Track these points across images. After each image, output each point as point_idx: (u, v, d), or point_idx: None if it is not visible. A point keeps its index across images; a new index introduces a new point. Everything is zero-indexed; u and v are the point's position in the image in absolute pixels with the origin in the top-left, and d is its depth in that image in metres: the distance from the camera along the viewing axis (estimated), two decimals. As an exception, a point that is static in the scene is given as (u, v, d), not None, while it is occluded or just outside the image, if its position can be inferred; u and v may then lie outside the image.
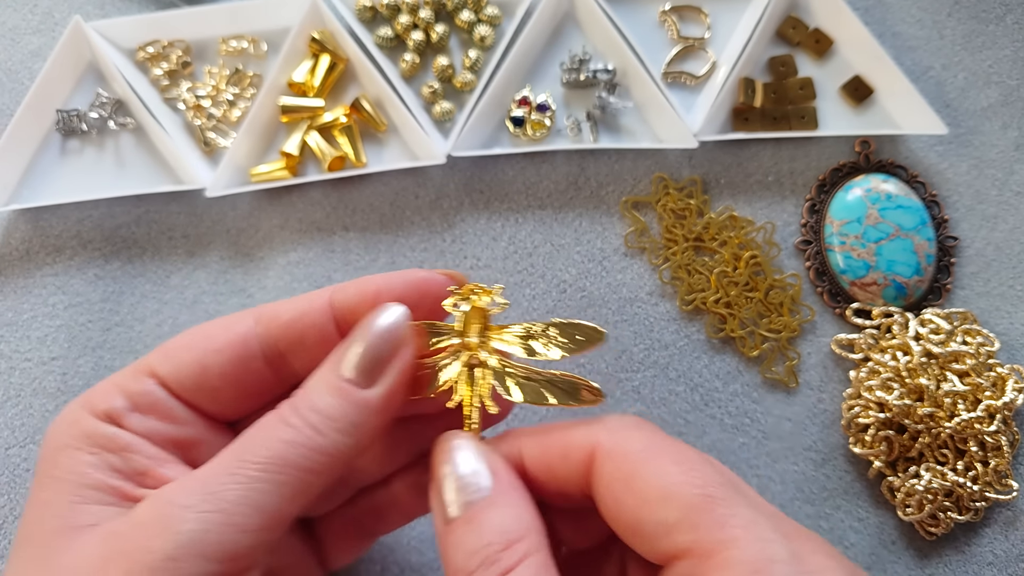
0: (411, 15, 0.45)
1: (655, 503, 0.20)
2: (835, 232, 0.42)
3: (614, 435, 0.22)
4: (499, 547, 0.20)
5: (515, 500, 0.22)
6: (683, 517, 0.20)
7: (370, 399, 0.22)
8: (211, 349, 0.24)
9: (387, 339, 0.23)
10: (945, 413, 0.38)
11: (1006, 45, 0.46)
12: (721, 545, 0.19)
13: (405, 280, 0.25)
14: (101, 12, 0.47)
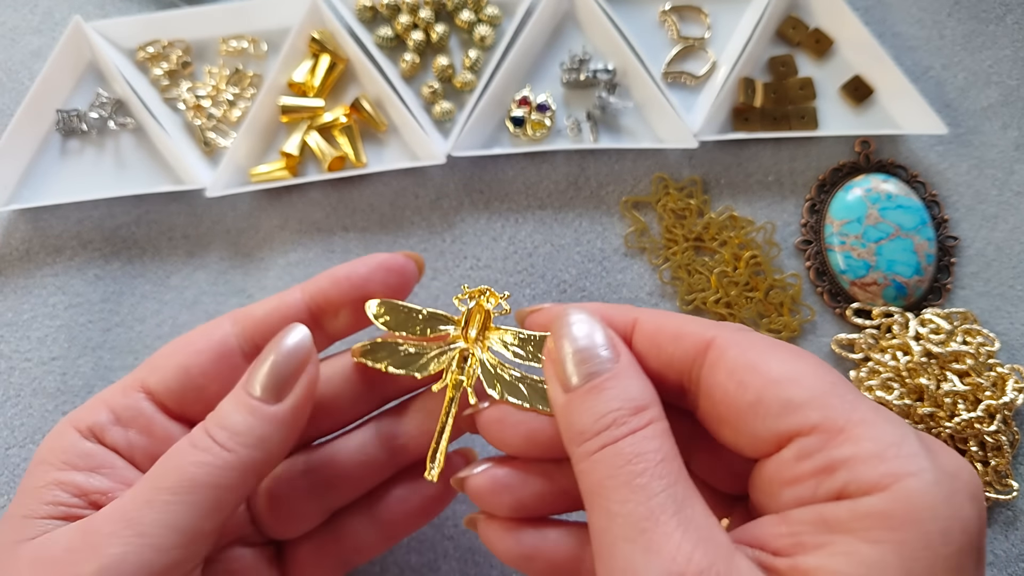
0: (411, 15, 0.45)
1: (784, 383, 0.21)
2: (835, 232, 0.42)
3: (735, 333, 0.23)
4: (628, 412, 0.21)
5: (637, 373, 0.23)
6: (812, 397, 0.20)
7: (277, 413, 0.24)
8: (191, 352, 0.26)
9: (292, 357, 0.25)
10: (945, 413, 0.38)
11: (1006, 45, 0.46)
12: (851, 424, 0.20)
13: (368, 264, 0.27)
14: (101, 12, 0.47)
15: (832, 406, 0.20)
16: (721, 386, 0.22)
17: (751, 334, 0.23)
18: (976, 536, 0.19)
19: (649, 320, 0.24)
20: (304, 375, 0.25)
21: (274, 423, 0.24)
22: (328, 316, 0.28)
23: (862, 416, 0.20)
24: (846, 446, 0.19)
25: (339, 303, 0.27)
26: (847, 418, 0.20)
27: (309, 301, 0.27)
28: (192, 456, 0.23)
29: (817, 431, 0.20)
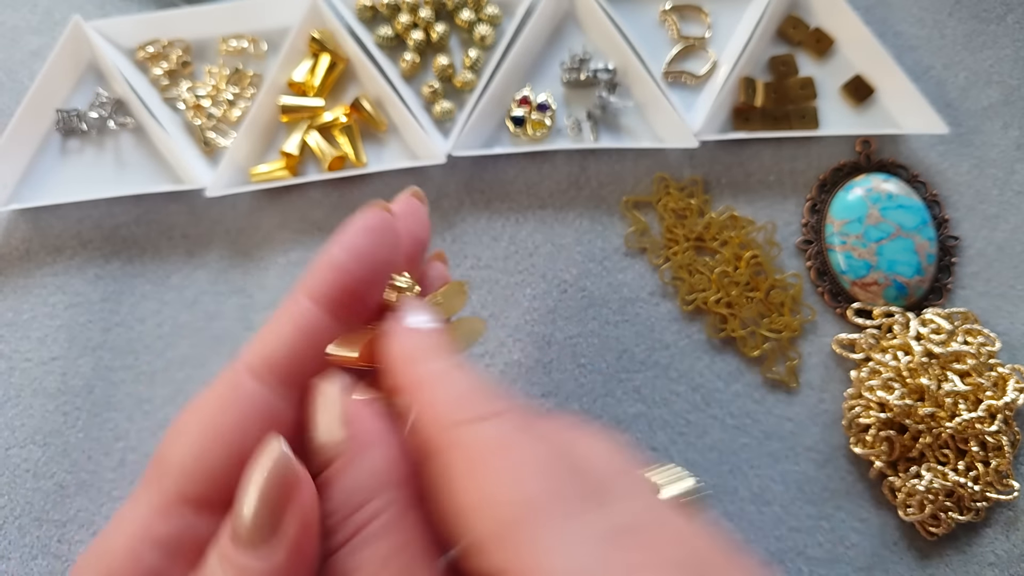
0: (411, 14, 0.45)
1: (466, 516, 0.17)
2: (836, 232, 0.42)
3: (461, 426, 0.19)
4: (342, 516, 0.18)
5: (367, 457, 0.19)
6: (493, 535, 0.16)
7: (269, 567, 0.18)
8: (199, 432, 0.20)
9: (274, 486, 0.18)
10: (946, 413, 0.38)
11: (1007, 45, 0.46)
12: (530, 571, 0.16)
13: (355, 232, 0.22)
14: (101, 12, 0.47)
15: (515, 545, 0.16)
16: None
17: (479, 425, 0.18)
18: None
19: None
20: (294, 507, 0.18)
21: None
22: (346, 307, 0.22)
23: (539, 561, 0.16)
24: None
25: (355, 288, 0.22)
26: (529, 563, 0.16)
27: (324, 302, 0.21)
28: None
29: None
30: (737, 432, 0.40)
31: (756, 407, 0.41)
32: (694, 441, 0.40)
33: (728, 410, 0.40)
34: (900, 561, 0.39)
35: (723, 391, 0.41)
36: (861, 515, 0.39)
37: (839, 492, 0.39)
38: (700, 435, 0.40)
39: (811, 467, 0.40)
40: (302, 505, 0.19)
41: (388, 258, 0.22)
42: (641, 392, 0.41)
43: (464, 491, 0.17)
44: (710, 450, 0.40)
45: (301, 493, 0.19)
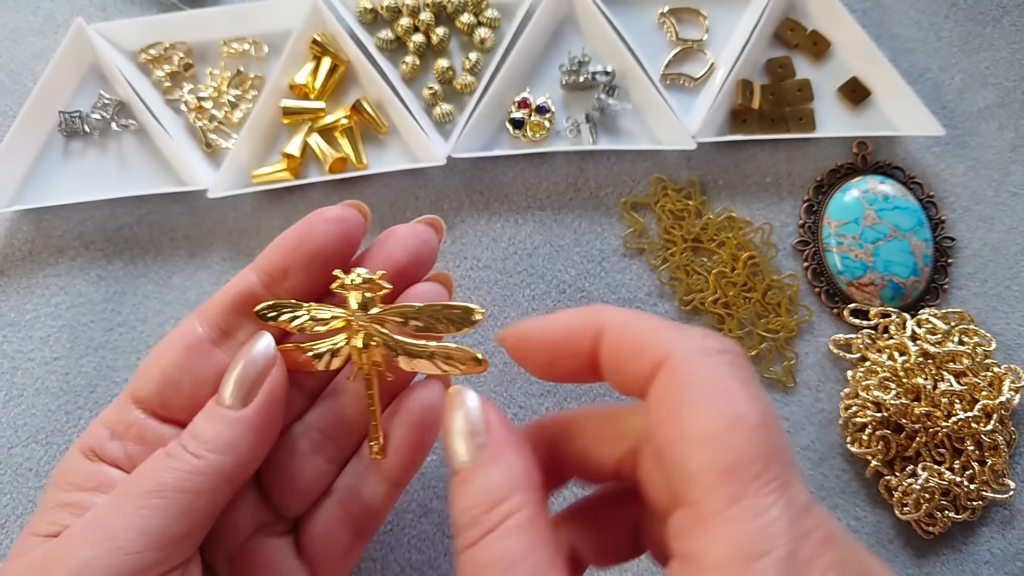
0: (411, 18, 0.45)
1: (689, 444, 0.19)
2: (832, 233, 0.42)
3: (687, 356, 0.20)
4: (483, 509, 0.21)
5: (505, 459, 0.22)
6: (703, 471, 0.18)
7: (242, 417, 0.25)
8: (164, 352, 0.27)
9: (255, 364, 0.26)
10: (942, 412, 0.38)
11: (1003, 47, 0.47)
12: (721, 516, 0.18)
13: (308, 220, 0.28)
14: (103, 14, 0.48)
15: (714, 489, 0.18)
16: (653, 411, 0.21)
17: (703, 363, 0.20)
18: None
19: (615, 328, 0.22)
20: (268, 380, 0.26)
21: (240, 426, 0.25)
22: (278, 282, 0.28)
23: (736, 513, 0.17)
24: (701, 541, 0.18)
25: (286, 267, 0.28)
26: (718, 510, 0.18)
27: (261, 275, 0.28)
28: (163, 463, 0.24)
29: (692, 510, 0.18)
30: (734, 431, 0.40)
31: (753, 407, 0.41)
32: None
33: (726, 410, 0.41)
34: (896, 560, 0.39)
35: (721, 391, 0.41)
36: (857, 514, 0.39)
37: (835, 491, 0.40)
38: (698, 434, 0.40)
39: (807, 466, 0.40)
40: (275, 380, 0.26)
41: (334, 249, 0.27)
42: (639, 392, 0.41)
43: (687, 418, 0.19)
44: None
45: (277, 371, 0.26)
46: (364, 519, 0.29)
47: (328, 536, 0.29)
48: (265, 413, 0.25)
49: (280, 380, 0.26)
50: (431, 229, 0.30)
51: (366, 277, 0.27)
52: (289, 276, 0.28)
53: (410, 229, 0.29)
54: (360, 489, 0.29)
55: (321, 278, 0.28)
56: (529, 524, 0.20)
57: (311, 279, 0.28)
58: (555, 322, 0.24)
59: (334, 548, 0.29)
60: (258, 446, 0.25)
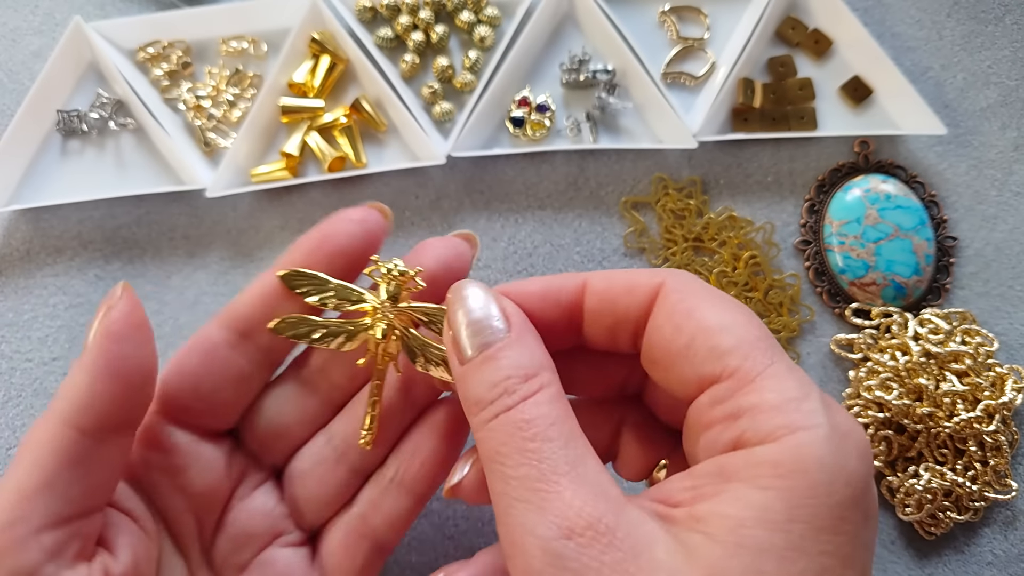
0: (411, 16, 0.45)
1: (714, 331, 0.22)
2: (834, 232, 0.42)
3: (679, 278, 0.24)
4: (518, 379, 0.22)
5: (529, 341, 0.23)
6: (736, 346, 0.22)
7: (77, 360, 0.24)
8: (183, 356, 0.27)
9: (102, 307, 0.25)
10: (944, 413, 0.38)
11: (1005, 46, 0.46)
12: (763, 376, 0.21)
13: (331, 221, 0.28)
14: (101, 13, 0.47)
15: (750, 356, 0.21)
16: (659, 328, 0.24)
17: (695, 282, 0.24)
18: (861, 491, 0.20)
19: (599, 280, 0.25)
20: (100, 318, 0.24)
21: (74, 369, 0.24)
22: None
23: (774, 370, 0.21)
24: (752, 395, 0.21)
25: (308, 266, 0.28)
26: (760, 370, 0.21)
27: None
28: None
29: (732, 378, 0.21)
30: (736, 432, 0.40)
31: (755, 407, 0.41)
32: (693, 441, 0.40)
33: (727, 410, 0.41)
34: (898, 560, 0.39)
35: (722, 391, 0.41)
36: (859, 515, 0.39)
37: (837, 492, 0.40)
38: (699, 435, 0.40)
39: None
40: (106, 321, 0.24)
41: (354, 249, 0.28)
42: (640, 392, 0.41)
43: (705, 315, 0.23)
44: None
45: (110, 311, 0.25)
46: (384, 534, 0.29)
47: (346, 550, 0.29)
48: (100, 350, 0.24)
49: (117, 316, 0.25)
50: (466, 243, 0.30)
51: (402, 269, 0.27)
52: None
53: (444, 241, 0.29)
54: (382, 502, 0.29)
55: (342, 278, 0.28)
56: (561, 395, 0.22)
57: None
58: (536, 280, 0.26)
59: (352, 563, 0.29)
60: (95, 386, 0.24)
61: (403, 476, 0.29)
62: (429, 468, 0.29)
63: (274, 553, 0.28)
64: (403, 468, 0.29)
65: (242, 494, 0.29)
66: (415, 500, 0.29)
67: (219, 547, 0.28)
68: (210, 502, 0.28)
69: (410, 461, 0.29)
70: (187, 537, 0.27)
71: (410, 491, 0.29)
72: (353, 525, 0.29)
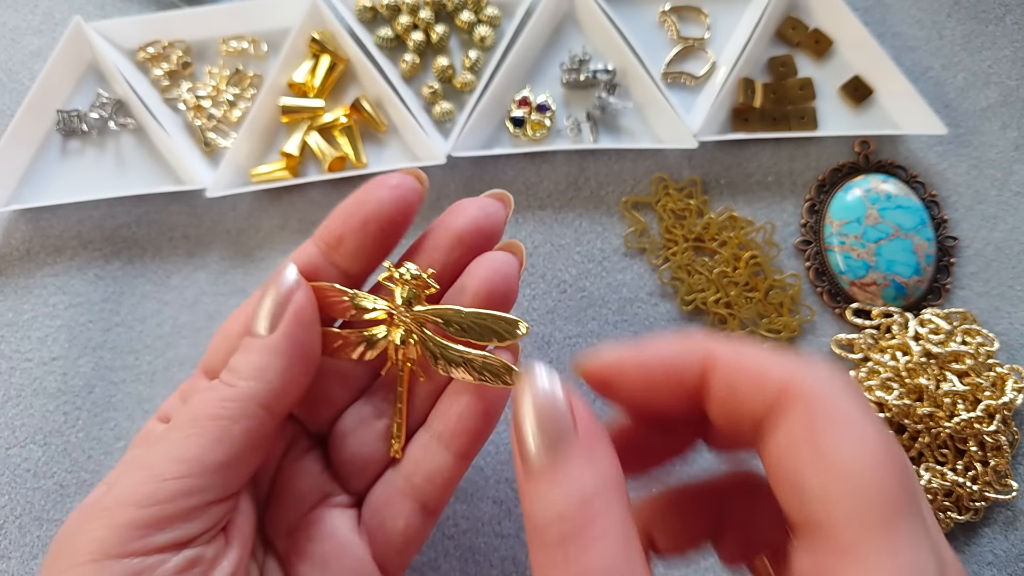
0: (411, 16, 0.45)
1: (828, 470, 0.19)
2: (835, 232, 0.42)
3: (817, 381, 0.20)
4: (579, 512, 0.20)
5: (598, 455, 0.21)
6: (844, 500, 0.18)
7: (268, 343, 0.25)
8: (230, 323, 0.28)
9: (281, 291, 0.26)
10: (944, 413, 0.38)
11: (1005, 45, 0.46)
12: (875, 547, 0.17)
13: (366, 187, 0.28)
14: (101, 13, 0.47)
15: (869, 518, 0.18)
16: (776, 445, 0.20)
17: (836, 386, 0.20)
18: None
19: (728, 359, 0.22)
20: (291, 304, 0.26)
21: (267, 351, 0.25)
22: (334, 249, 0.28)
23: (893, 545, 0.17)
24: (852, 569, 0.17)
25: (341, 233, 0.27)
26: (859, 540, 0.18)
27: (320, 244, 0.28)
28: (199, 397, 0.25)
29: (828, 538, 0.18)
30: (736, 432, 0.40)
31: (755, 407, 0.41)
32: (693, 441, 0.40)
33: (727, 410, 0.41)
34: (899, 561, 0.39)
35: (722, 391, 0.41)
36: (860, 515, 0.39)
37: (838, 492, 0.40)
38: (699, 435, 0.40)
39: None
40: (298, 304, 0.26)
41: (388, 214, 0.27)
42: (640, 392, 0.41)
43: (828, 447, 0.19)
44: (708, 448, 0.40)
45: (300, 294, 0.26)
46: (428, 493, 0.28)
47: (390, 509, 0.28)
48: (292, 336, 0.25)
49: (304, 303, 0.26)
50: (498, 203, 0.29)
51: (414, 273, 0.27)
52: (344, 242, 0.28)
53: (476, 202, 0.29)
54: (425, 461, 0.28)
55: (376, 245, 0.28)
56: (623, 524, 0.20)
57: (365, 245, 0.28)
58: (654, 352, 0.23)
59: (395, 524, 0.28)
60: (290, 370, 0.25)
61: (442, 433, 0.28)
62: (468, 423, 0.27)
63: (321, 513, 0.28)
64: (442, 425, 0.28)
65: (293, 457, 0.29)
66: (457, 457, 0.28)
67: (270, 511, 0.28)
68: (264, 466, 0.28)
69: (447, 417, 0.28)
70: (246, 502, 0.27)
71: (449, 447, 0.27)
72: (397, 485, 0.28)
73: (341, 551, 0.27)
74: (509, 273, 0.28)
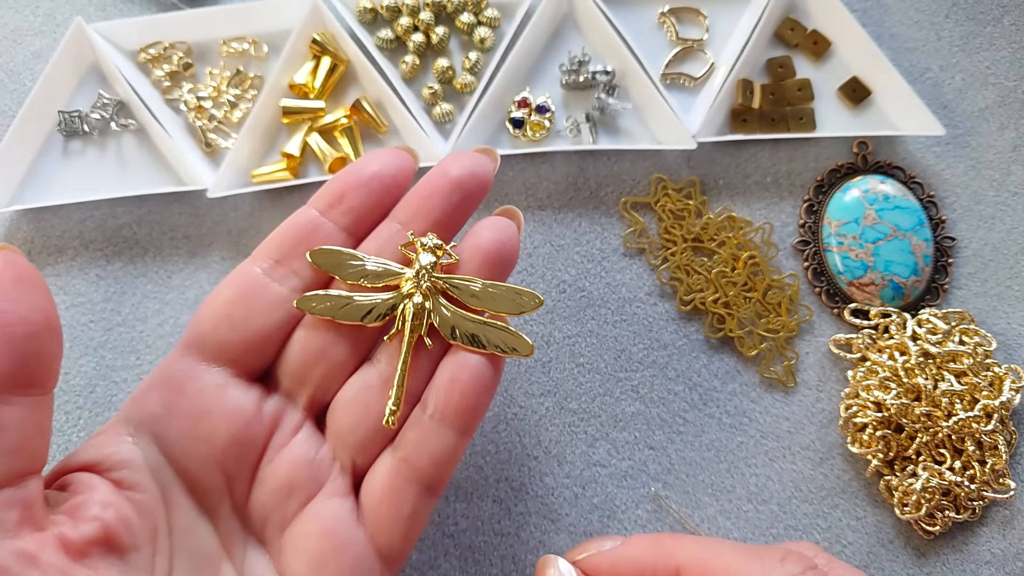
0: (411, 17, 0.45)
1: None
2: (833, 233, 0.42)
3: None
4: None
5: None
6: None
7: None
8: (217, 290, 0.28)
9: None
10: (942, 412, 0.38)
11: (1003, 47, 0.46)
12: None
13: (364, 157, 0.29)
14: (103, 14, 0.47)
15: None
16: None
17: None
18: None
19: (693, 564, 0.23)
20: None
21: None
22: (335, 207, 0.28)
23: None
24: None
25: (343, 192, 0.28)
26: None
27: (318, 204, 0.28)
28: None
29: None
30: (734, 431, 0.40)
31: (753, 406, 0.41)
32: (691, 440, 0.40)
33: (725, 409, 0.41)
34: (896, 560, 0.39)
35: (720, 390, 0.41)
36: (857, 513, 0.39)
37: (836, 491, 0.40)
38: (697, 434, 0.40)
39: (808, 466, 0.40)
40: None
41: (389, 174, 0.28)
42: (639, 391, 0.41)
43: None
44: (707, 448, 0.40)
45: None
46: (431, 475, 0.27)
47: (393, 495, 0.27)
48: None
49: None
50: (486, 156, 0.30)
51: (436, 243, 0.27)
52: (345, 199, 0.28)
53: (467, 153, 0.29)
54: (425, 441, 0.27)
55: (376, 204, 0.28)
56: None
57: (367, 202, 0.28)
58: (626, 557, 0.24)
59: (399, 510, 0.27)
60: None
61: (444, 411, 0.27)
62: (470, 398, 0.27)
63: (320, 506, 0.26)
64: (443, 402, 0.27)
65: (279, 442, 0.27)
66: (459, 433, 0.27)
67: (258, 502, 0.27)
68: (241, 451, 0.26)
69: (449, 394, 0.27)
70: (214, 496, 0.26)
71: (452, 424, 0.27)
72: (398, 469, 0.27)
73: (341, 548, 0.26)
74: (512, 235, 0.29)
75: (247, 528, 0.27)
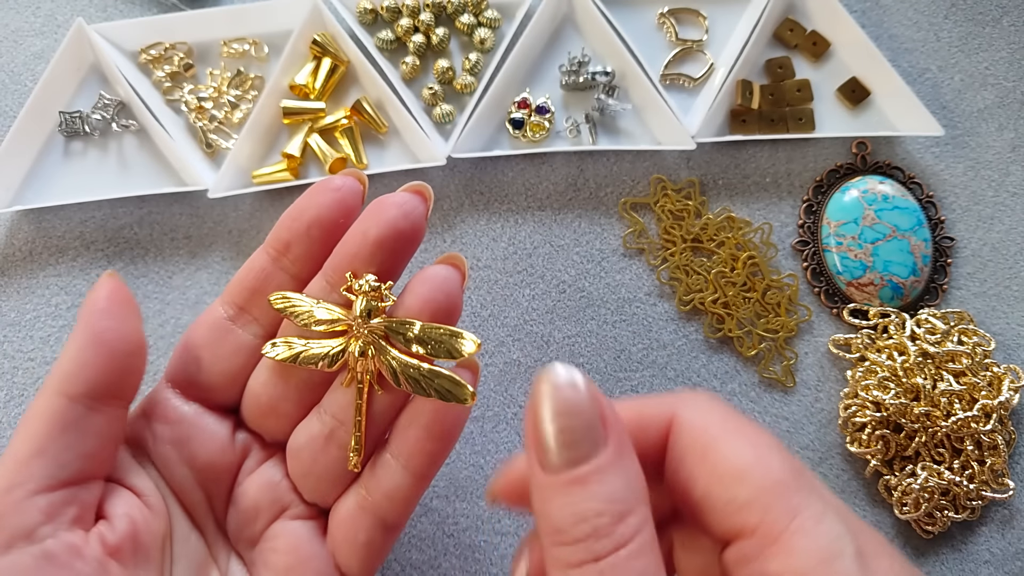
0: (411, 18, 0.45)
1: (728, 480, 0.20)
2: (832, 233, 0.42)
3: (692, 409, 0.22)
4: (611, 519, 0.19)
5: (629, 464, 0.20)
6: (754, 498, 0.19)
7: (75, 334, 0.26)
8: (190, 331, 0.29)
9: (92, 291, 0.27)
10: (941, 412, 0.38)
11: (1002, 47, 0.47)
12: (788, 531, 0.19)
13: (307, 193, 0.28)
14: (104, 15, 0.48)
15: (772, 509, 0.19)
16: (675, 476, 0.21)
17: (709, 408, 0.22)
18: None
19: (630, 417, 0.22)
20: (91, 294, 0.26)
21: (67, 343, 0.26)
22: (283, 255, 0.28)
23: (800, 524, 0.19)
24: (777, 558, 0.18)
25: (288, 240, 0.28)
26: (783, 525, 0.19)
27: (270, 251, 0.28)
28: None
29: (754, 535, 0.19)
30: (734, 431, 0.40)
31: (752, 406, 0.41)
32: (691, 440, 0.40)
33: (725, 409, 0.41)
34: (896, 559, 0.39)
35: (720, 390, 0.41)
36: (857, 513, 0.39)
37: (835, 490, 0.40)
38: (697, 434, 0.40)
39: (807, 465, 0.40)
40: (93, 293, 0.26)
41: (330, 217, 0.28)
42: (639, 391, 0.41)
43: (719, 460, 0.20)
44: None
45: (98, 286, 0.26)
46: (388, 511, 0.28)
47: (351, 523, 0.28)
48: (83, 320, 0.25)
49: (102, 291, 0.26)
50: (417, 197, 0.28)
51: (373, 285, 0.27)
52: (291, 248, 0.28)
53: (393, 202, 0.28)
54: (384, 479, 0.27)
55: (321, 249, 0.28)
56: (655, 542, 0.19)
57: (312, 250, 0.28)
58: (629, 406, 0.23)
59: (355, 537, 0.28)
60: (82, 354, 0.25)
61: (400, 453, 0.27)
62: (425, 444, 0.27)
63: (283, 526, 0.28)
64: (401, 445, 0.27)
65: (249, 468, 0.29)
66: (415, 477, 0.27)
67: (231, 521, 0.29)
68: (217, 474, 0.28)
69: (405, 437, 0.27)
70: (200, 511, 0.28)
71: (407, 467, 0.27)
72: (357, 500, 0.28)
73: (304, 563, 0.28)
74: (451, 290, 0.27)
75: (227, 543, 0.29)
